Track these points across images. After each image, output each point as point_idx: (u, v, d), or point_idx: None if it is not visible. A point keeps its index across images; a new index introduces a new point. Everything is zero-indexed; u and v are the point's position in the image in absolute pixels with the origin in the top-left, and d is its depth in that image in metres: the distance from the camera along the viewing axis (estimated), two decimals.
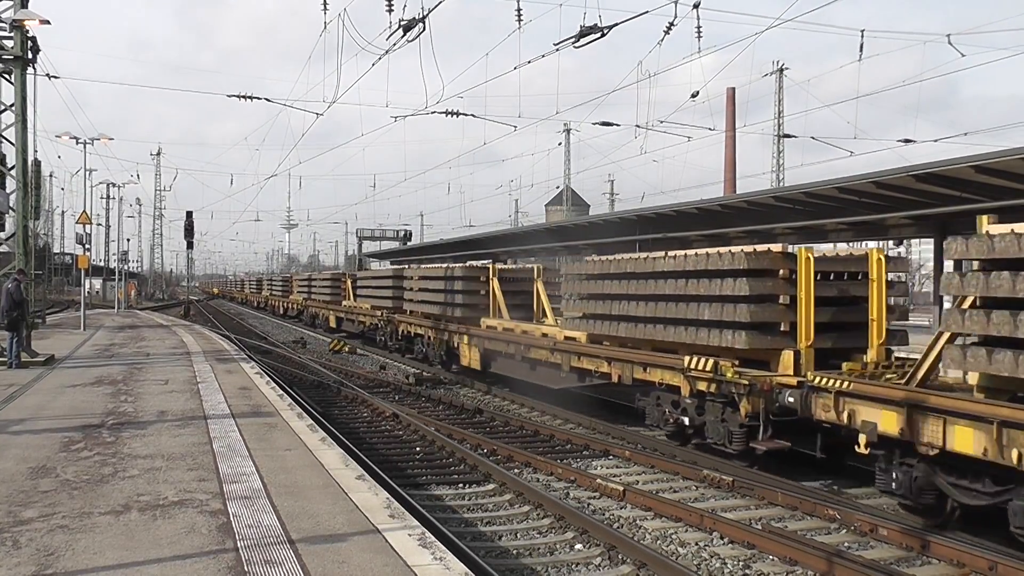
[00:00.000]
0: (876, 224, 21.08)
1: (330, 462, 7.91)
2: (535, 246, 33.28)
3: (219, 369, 16.24)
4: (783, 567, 7.35)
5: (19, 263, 17.27)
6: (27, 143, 17.77)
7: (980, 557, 7.23)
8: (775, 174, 57.65)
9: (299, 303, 43.53)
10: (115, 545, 5.37)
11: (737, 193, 44.35)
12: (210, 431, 9.41)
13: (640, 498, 9.31)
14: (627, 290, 12.69)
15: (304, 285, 42.78)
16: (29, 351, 17.00)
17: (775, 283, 10.37)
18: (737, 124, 57.64)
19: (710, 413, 10.73)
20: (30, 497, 6.55)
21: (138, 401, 11.76)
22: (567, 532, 8.23)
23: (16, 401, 11.74)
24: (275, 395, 12.60)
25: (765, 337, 10.26)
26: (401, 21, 14.07)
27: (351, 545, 5.42)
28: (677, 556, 7.63)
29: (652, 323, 12.07)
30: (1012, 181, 14.56)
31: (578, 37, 12.95)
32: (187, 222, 46.09)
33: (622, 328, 12.83)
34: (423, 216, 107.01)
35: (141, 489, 6.81)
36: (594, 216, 39.33)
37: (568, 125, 70.10)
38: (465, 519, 8.74)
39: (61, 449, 8.40)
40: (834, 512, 8.70)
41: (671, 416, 11.60)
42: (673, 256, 11.81)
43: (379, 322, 26.50)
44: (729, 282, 10.40)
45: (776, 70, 56.25)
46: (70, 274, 76.21)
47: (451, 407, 15.89)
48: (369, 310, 28.40)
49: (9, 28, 17.14)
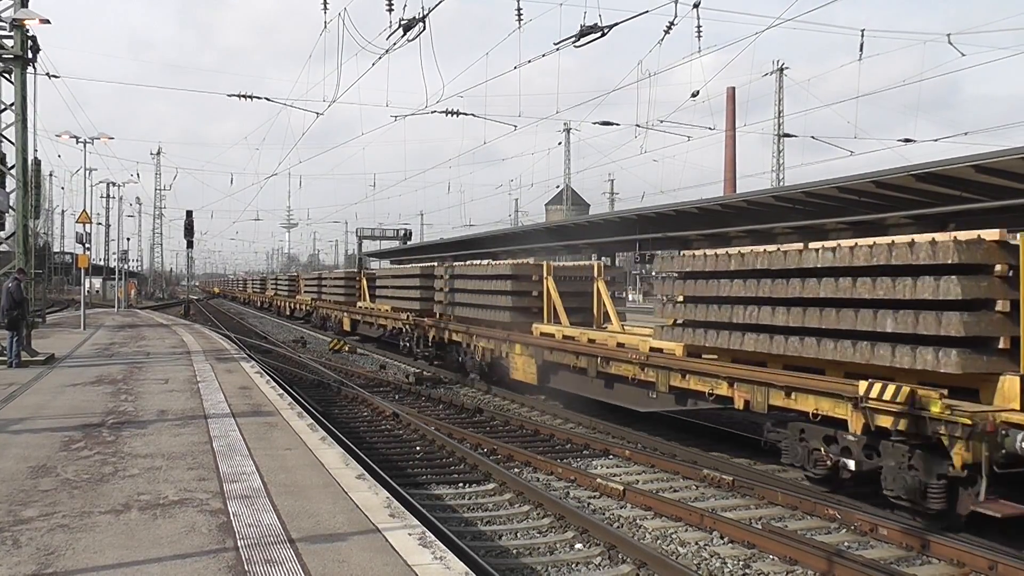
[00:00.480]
0: (876, 224, 21.09)
1: (330, 461, 7.91)
2: (535, 245, 33.26)
3: (219, 368, 16.24)
4: (783, 566, 7.35)
5: (19, 262, 17.27)
6: (27, 142, 17.77)
7: (980, 557, 7.23)
8: (775, 174, 57.68)
9: (307, 304, 41.12)
10: (115, 544, 5.38)
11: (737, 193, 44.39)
12: (210, 430, 9.41)
13: (640, 497, 9.31)
14: (754, 292, 10.13)
15: (313, 285, 40.46)
16: (29, 350, 17.01)
17: (991, 283, 7.77)
18: (737, 124, 57.77)
19: (890, 457, 8.15)
20: (30, 496, 6.55)
21: (138, 400, 11.76)
22: (567, 531, 8.24)
23: (16, 400, 11.75)
24: (275, 394, 12.61)
25: (980, 358, 7.69)
26: (401, 21, 14.07)
27: (351, 544, 5.42)
28: (677, 555, 7.63)
29: (795, 335, 9.47)
30: (1012, 181, 14.57)
31: (578, 36, 12.95)
32: (187, 221, 46.09)
33: (747, 340, 10.18)
34: (423, 215, 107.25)
35: (141, 488, 6.81)
36: (594, 216, 39.34)
37: (568, 124, 70.26)
38: (465, 518, 8.74)
39: (61, 448, 8.40)
40: (834, 512, 8.70)
41: (825, 456, 9.01)
42: (832, 248, 9.11)
43: (403, 327, 23.39)
44: (929, 282, 7.85)
45: (776, 70, 56.31)
46: (70, 273, 76.22)
47: (451, 406, 15.89)
48: (390, 312, 25.71)
49: (9, 27, 17.14)
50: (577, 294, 16.45)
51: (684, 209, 24.88)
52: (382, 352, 26.72)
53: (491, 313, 17.47)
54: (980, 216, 18.75)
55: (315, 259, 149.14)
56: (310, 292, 40.73)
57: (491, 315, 17.46)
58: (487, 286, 17.68)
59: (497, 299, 17.15)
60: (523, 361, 15.62)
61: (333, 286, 35.33)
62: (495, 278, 17.37)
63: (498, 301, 17.10)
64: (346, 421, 14.32)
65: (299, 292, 44.36)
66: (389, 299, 26.29)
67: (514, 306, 16.64)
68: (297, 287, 45.58)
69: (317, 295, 38.62)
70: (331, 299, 35.26)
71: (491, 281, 17.53)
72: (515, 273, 16.76)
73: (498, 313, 17.15)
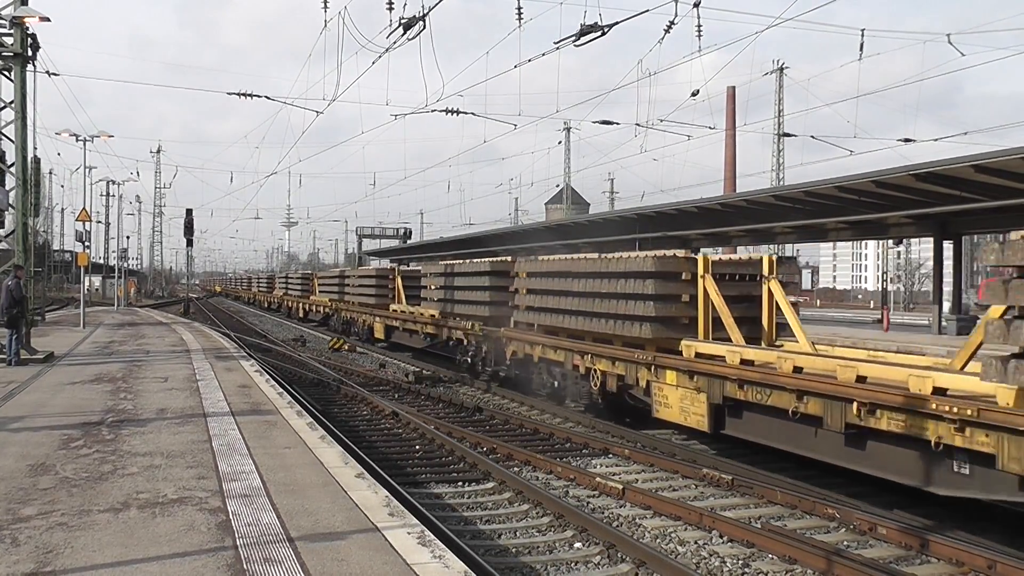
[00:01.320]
0: (876, 223, 21.08)
1: (329, 460, 7.91)
2: (535, 244, 33.28)
3: (219, 367, 16.23)
4: (782, 566, 7.35)
5: (19, 260, 17.27)
6: (27, 140, 17.75)
7: (979, 556, 7.23)
8: (775, 173, 57.70)
9: (325, 305, 36.87)
10: (114, 543, 5.37)
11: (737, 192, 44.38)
12: (209, 429, 9.41)
13: (639, 496, 9.31)
14: None
15: (332, 284, 35.87)
16: (28, 348, 17.01)
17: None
18: (737, 123, 57.79)
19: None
20: (29, 494, 6.54)
21: (137, 399, 11.76)
22: (566, 530, 8.24)
23: (15, 398, 11.74)
24: (275, 393, 12.60)
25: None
26: (401, 19, 14.08)
27: (350, 543, 5.42)
28: (676, 555, 7.63)
29: None
30: (1012, 180, 14.57)
31: (578, 35, 12.95)
32: (187, 219, 46.14)
33: None
34: (423, 214, 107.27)
35: (140, 487, 6.81)
36: (595, 215, 39.34)
37: (568, 123, 70.26)
38: (464, 517, 8.74)
39: (60, 446, 8.39)
40: (833, 511, 8.70)
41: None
42: None
43: (464, 337, 19.31)
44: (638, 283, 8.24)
45: (776, 69, 56.29)
46: (70, 271, 76.27)
47: (451, 405, 15.89)
48: (437, 319, 21.40)
49: (9, 25, 17.13)
50: (739, 299, 12.10)
51: (684, 208, 24.88)
52: (381, 352, 26.71)
53: (612, 325, 12.84)
54: (980, 215, 18.73)
55: (315, 258, 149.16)
56: (328, 292, 36.66)
57: (611, 327, 12.85)
58: (606, 287, 12.99)
59: (628, 305, 12.43)
60: (680, 396, 11.30)
61: (360, 286, 30.55)
62: (625, 276, 12.56)
63: (630, 309, 12.40)
64: (345, 420, 14.32)
65: (313, 292, 40.87)
66: (439, 303, 21.30)
67: (657, 315, 11.93)
68: (311, 287, 41.89)
69: (339, 296, 34.26)
70: (356, 301, 30.95)
71: (617, 281, 12.73)
72: (660, 270, 12.02)
73: (629, 325, 12.43)
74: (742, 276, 12.39)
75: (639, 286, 12.24)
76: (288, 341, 30.69)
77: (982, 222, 20.18)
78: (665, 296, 12.02)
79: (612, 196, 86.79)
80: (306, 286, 42.91)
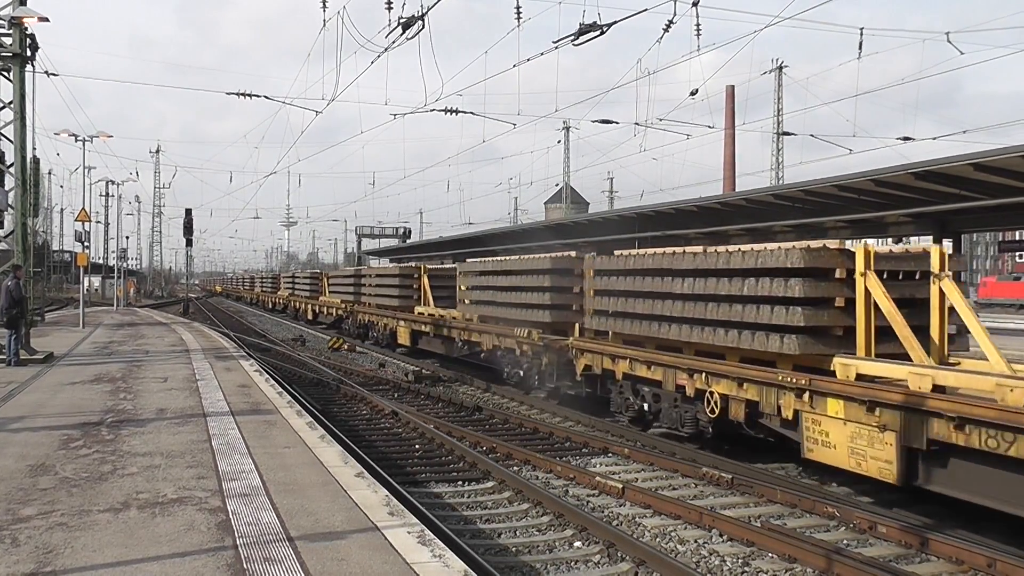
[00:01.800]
0: (875, 222, 21.10)
1: (329, 460, 7.91)
2: (535, 244, 33.29)
3: (218, 367, 16.23)
4: (782, 564, 7.35)
5: (18, 260, 17.27)
6: (26, 140, 17.76)
7: (979, 554, 7.23)
8: (774, 172, 57.71)
9: (337, 307, 34.19)
10: (114, 543, 5.37)
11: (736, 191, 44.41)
12: (209, 429, 9.41)
13: (639, 495, 9.31)
14: None
15: (346, 284, 33.00)
16: (28, 349, 17.01)
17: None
18: (736, 122, 57.74)
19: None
20: (29, 495, 6.55)
21: (137, 399, 11.76)
22: (566, 530, 8.24)
23: (15, 399, 11.74)
24: (274, 392, 12.60)
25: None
26: (400, 19, 14.08)
27: (350, 543, 5.42)
28: (676, 553, 7.63)
29: None
30: (1011, 179, 14.57)
31: (578, 35, 12.96)
32: (186, 219, 46.18)
33: None
34: (422, 214, 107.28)
35: (140, 487, 6.81)
36: (594, 214, 39.36)
37: (568, 123, 70.25)
38: (464, 517, 8.74)
39: (60, 447, 8.39)
40: (833, 510, 8.71)
41: None
42: None
43: (518, 346, 16.38)
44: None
45: (775, 68, 56.30)
46: (69, 272, 76.29)
47: (450, 404, 15.89)
48: (473, 324, 19.09)
49: (8, 25, 17.13)
50: (903, 302, 9.30)
51: (683, 207, 24.88)
52: (380, 351, 26.71)
53: (731, 337, 10.29)
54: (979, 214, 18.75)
55: (314, 257, 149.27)
56: (341, 293, 33.90)
57: (729, 339, 10.32)
58: (726, 288, 10.40)
59: (761, 312, 9.79)
60: (849, 433, 8.74)
61: (381, 286, 27.54)
62: (756, 275, 9.99)
63: (762, 316, 9.75)
64: (345, 419, 14.32)
65: (323, 293, 38.33)
66: (477, 305, 18.75)
67: (806, 324, 9.29)
68: (320, 287, 39.35)
69: (354, 297, 31.36)
70: (375, 302, 28.13)
71: (742, 280, 10.17)
72: (811, 265, 9.42)
73: (760, 337, 9.82)
74: (908, 274, 9.81)
75: (779, 287, 9.58)
76: (287, 341, 30.69)
77: (981, 220, 20.19)
78: (816, 300, 9.42)
79: (611, 195, 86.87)
80: (315, 286, 40.47)
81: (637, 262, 12.55)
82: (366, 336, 29.36)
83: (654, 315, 11.91)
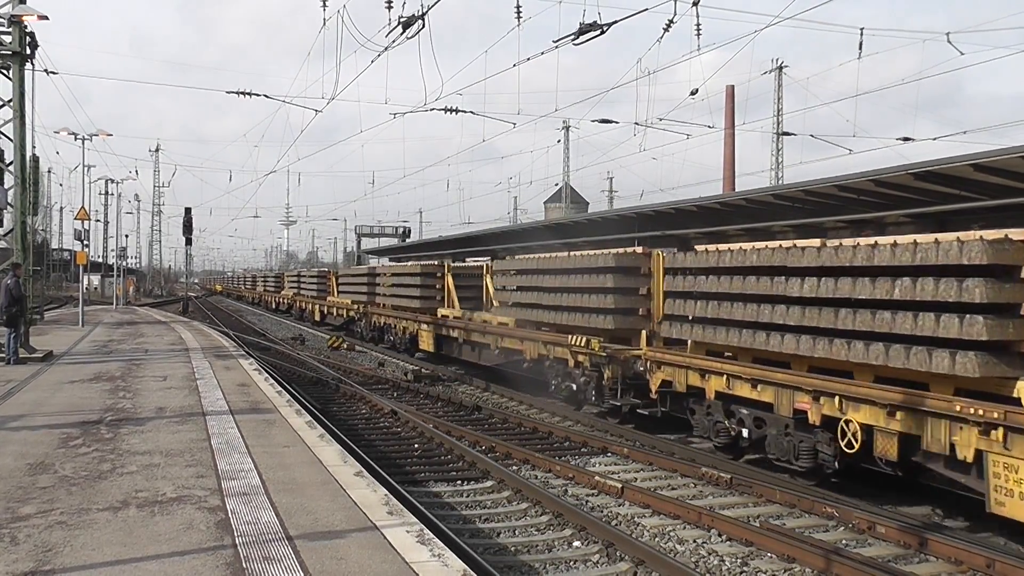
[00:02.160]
0: (875, 222, 21.11)
1: (328, 459, 7.91)
2: (534, 243, 33.29)
3: (218, 366, 16.23)
4: (781, 564, 7.35)
5: (17, 258, 17.27)
6: (25, 138, 17.76)
7: (978, 555, 7.24)
8: (774, 172, 57.70)
9: (349, 308, 31.76)
10: (113, 541, 5.37)
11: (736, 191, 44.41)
12: (208, 427, 9.40)
13: (638, 495, 9.31)
14: None
15: (358, 284, 30.67)
16: (27, 347, 17.00)
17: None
18: (737, 122, 57.68)
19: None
20: (28, 493, 6.54)
21: (136, 397, 11.75)
22: (565, 529, 8.24)
23: (14, 397, 11.74)
24: (274, 392, 12.60)
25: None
26: (400, 18, 14.07)
27: (349, 542, 5.42)
28: (675, 553, 7.63)
29: None
30: (1011, 179, 14.58)
31: (578, 34, 12.94)
32: (186, 218, 46.22)
33: None
34: (422, 213, 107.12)
35: (139, 485, 6.80)
36: (594, 213, 39.36)
37: (567, 122, 70.13)
38: (463, 516, 8.74)
39: (59, 445, 8.39)
40: (832, 509, 8.71)
41: None
42: None
43: (572, 356, 14.37)
44: None
45: (776, 68, 56.28)
46: (68, 270, 76.23)
47: (450, 404, 15.88)
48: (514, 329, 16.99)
49: (7, 23, 17.12)
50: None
51: (683, 207, 24.88)
52: (381, 351, 26.70)
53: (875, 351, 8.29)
54: (979, 214, 18.76)
55: (314, 256, 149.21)
56: (353, 293, 31.55)
57: (873, 355, 8.31)
58: (866, 290, 8.43)
59: (920, 321, 7.81)
60: None
61: (398, 285, 25.35)
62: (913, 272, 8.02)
63: (920, 326, 7.81)
64: (344, 418, 14.32)
65: (331, 293, 36.54)
66: (517, 308, 16.81)
67: (989, 338, 7.27)
68: (328, 286, 37.52)
69: (367, 298, 29.19)
70: (392, 303, 26.10)
71: (891, 280, 8.17)
72: (995, 261, 7.36)
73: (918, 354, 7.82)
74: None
75: (946, 289, 7.55)
76: (287, 340, 30.69)
77: (981, 221, 20.20)
78: (999, 306, 7.36)
79: (611, 195, 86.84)
80: (323, 286, 38.29)
81: (735, 258, 10.48)
82: (381, 339, 27.57)
83: (758, 323, 9.91)
